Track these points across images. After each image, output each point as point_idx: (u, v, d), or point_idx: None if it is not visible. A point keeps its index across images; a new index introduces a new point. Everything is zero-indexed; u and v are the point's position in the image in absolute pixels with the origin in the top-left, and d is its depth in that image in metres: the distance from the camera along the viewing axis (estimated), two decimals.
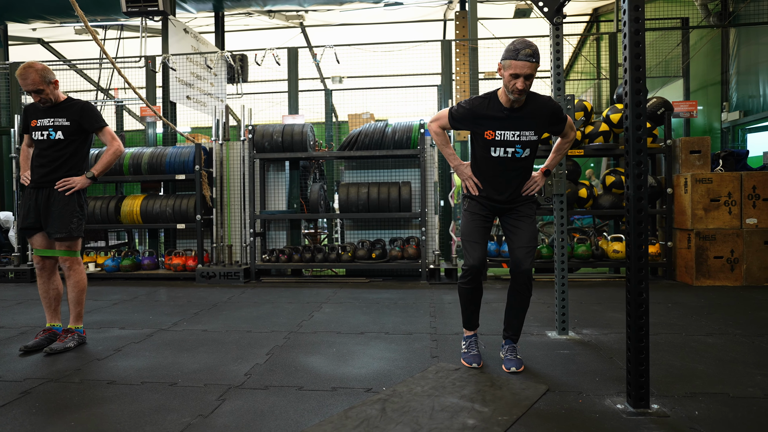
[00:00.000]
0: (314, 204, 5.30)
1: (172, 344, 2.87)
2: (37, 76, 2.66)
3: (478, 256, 2.35)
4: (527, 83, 2.15)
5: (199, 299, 4.22)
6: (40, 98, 2.73)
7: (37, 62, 2.72)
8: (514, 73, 2.13)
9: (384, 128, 5.16)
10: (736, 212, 4.48)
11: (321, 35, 10.97)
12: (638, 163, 1.87)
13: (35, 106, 2.83)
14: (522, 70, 2.12)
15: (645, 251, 1.87)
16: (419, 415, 1.86)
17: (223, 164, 5.49)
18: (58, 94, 2.80)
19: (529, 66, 2.11)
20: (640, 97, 1.86)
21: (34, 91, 2.69)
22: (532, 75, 2.14)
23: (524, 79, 2.13)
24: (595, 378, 2.24)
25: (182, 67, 5.92)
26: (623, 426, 1.76)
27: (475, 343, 2.53)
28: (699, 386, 2.12)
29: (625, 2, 1.87)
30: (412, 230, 5.51)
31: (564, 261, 2.94)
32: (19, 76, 2.65)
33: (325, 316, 3.58)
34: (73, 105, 2.82)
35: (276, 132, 5.13)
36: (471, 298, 2.47)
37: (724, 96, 6.57)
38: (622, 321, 3.27)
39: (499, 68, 2.23)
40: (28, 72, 2.65)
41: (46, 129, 2.77)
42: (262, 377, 2.30)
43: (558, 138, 2.52)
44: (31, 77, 2.66)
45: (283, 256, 5.20)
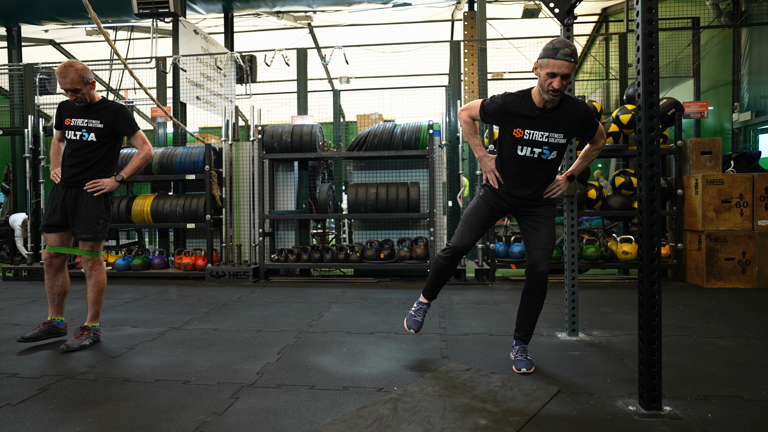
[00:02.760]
0: (323, 204, 5.32)
1: (184, 343, 2.90)
2: (77, 76, 2.70)
3: (467, 241, 2.42)
4: (564, 83, 2.14)
5: (209, 298, 4.26)
6: (76, 97, 2.77)
7: (77, 61, 2.77)
8: (552, 72, 2.12)
9: (393, 129, 5.17)
10: (748, 214, 4.44)
11: (329, 36, 11.00)
12: (651, 165, 1.86)
13: (70, 104, 2.87)
14: (560, 70, 2.11)
15: (658, 252, 1.87)
16: (431, 414, 1.87)
17: (232, 164, 5.53)
18: (94, 94, 2.85)
19: (567, 66, 2.10)
20: (653, 98, 1.85)
21: (72, 90, 2.73)
22: (569, 75, 2.12)
23: (561, 79, 2.12)
24: (606, 379, 2.24)
25: (192, 67, 5.97)
26: (636, 428, 1.76)
27: (424, 312, 2.64)
28: (711, 389, 2.11)
29: (638, 3, 1.87)
30: (420, 230, 5.52)
31: (574, 262, 2.94)
32: (58, 74, 2.70)
33: (334, 315, 3.60)
34: (107, 107, 2.86)
35: (285, 132, 5.16)
36: (443, 273, 2.54)
37: (736, 96, 6.52)
38: (632, 323, 3.26)
39: (535, 67, 2.22)
40: (68, 71, 2.70)
41: (79, 129, 2.82)
42: (274, 376, 2.33)
43: (587, 144, 2.51)
44: (71, 76, 2.70)
45: (292, 255, 5.23)
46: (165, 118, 5.71)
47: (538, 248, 2.37)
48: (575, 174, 2.54)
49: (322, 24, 10.54)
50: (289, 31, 10.64)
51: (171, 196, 5.48)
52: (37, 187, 5.67)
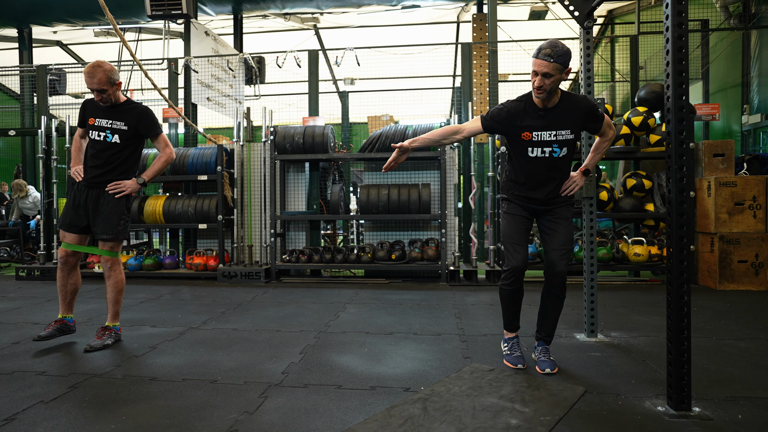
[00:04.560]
0: (335, 205, 5.34)
1: (205, 342, 2.92)
2: (104, 77, 2.72)
3: (521, 257, 2.37)
4: (545, 81, 2.17)
5: (223, 298, 4.27)
6: (102, 98, 2.77)
7: (105, 62, 2.78)
8: (534, 70, 2.19)
9: (404, 130, 5.19)
10: (761, 216, 4.46)
11: (334, 37, 11.04)
12: (680, 167, 1.88)
13: (95, 104, 2.88)
14: (539, 68, 2.16)
15: (687, 255, 1.88)
16: (462, 414, 1.89)
17: (243, 165, 5.55)
18: (119, 95, 2.86)
19: (546, 65, 2.13)
20: (682, 101, 1.87)
21: (98, 90, 2.74)
22: (550, 74, 2.15)
23: (542, 77, 2.17)
24: (631, 380, 2.25)
25: (203, 69, 5.99)
26: (667, 428, 1.77)
27: (518, 345, 2.54)
28: (738, 390, 2.12)
29: (667, 6, 1.89)
30: (430, 232, 5.54)
31: (593, 264, 2.95)
32: (86, 74, 2.71)
33: (350, 316, 3.61)
34: (132, 109, 2.87)
35: (297, 134, 5.18)
36: (513, 299, 2.48)
37: (745, 98, 6.53)
38: (649, 324, 3.27)
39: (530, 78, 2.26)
40: (96, 71, 2.71)
41: (103, 130, 2.83)
42: (299, 376, 2.34)
43: (596, 137, 2.52)
44: (98, 76, 2.71)
45: (303, 256, 5.25)
46: (176, 118, 5.74)
47: (556, 248, 2.39)
48: (589, 168, 2.54)
49: (328, 26, 10.58)
50: (295, 32, 10.67)
51: (182, 196, 5.50)
52: (49, 187, 5.69)
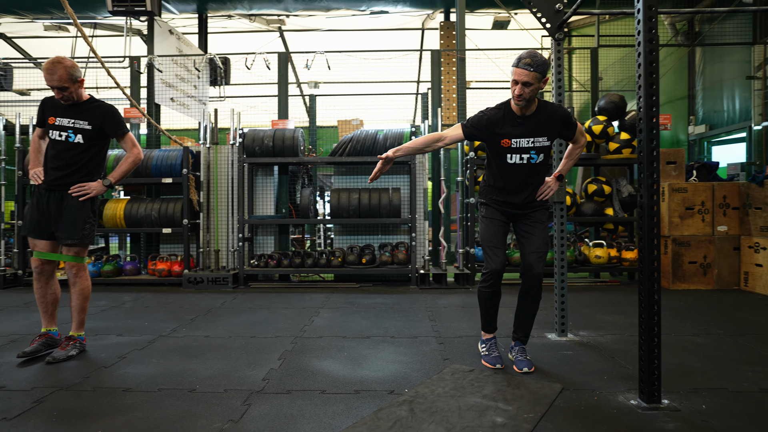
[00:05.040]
0: (305, 209, 5.29)
1: (177, 350, 2.82)
2: (65, 73, 2.56)
3: (500, 260, 2.44)
4: (525, 90, 2.25)
5: (190, 305, 4.14)
6: (63, 96, 2.62)
7: (65, 57, 2.61)
8: (514, 79, 2.27)
9: (375, 135, 5.22)
10: (709, 220, 4.77)
11: (300, 40, 10.97)
12: (651, 174, 2.00)
13: (54, 102, 2.71)
14: (519, 77, 2.24)
15: (657, 255, 2.00)
16: (448, 414, 1.92)
17: (210, 168, 5.41)
18: (82, 93, 2.71)
19: (525, 74, 2.22)
20: (653, 111, 1.99)
21: (59, 87, 2.58)
22: (529, 83, 2.24)
23: (522, 86, 2.25)
24: (603, 377, 2.35)
25: (166, 68, 5.81)
26: (641, 420, 1.87)
27: (495, 345, 2.61)
28: (700, 382, 2.27)
29: (639, 23, 2.01)
30: (400, 236, 5.58)
31: (564, 266, 3.07)
32: (45, 70, 2.55)
33: (325, 320, 3.59)
34: (96, 107, 2.73)
35: (267, 137, 5.11)
36: (492, 301, 2.55)
37: (691, 110, 6.98)
38: (613, 323, 3.43)
39: (510, 86, 2.34)
40: (56, 67, 2.55)
41: (65, 130, 2.67)
42: (281, 382, 2.31)
43: (570, 144, 2.63)
44: (59, 73, 2.55)
45: (272, 261, 5.16)
46: (139, 119, 5.53)
47: (532, 252, 2.47)
48: (563, 174, 2.63)
49: (294, 28, 10.50)
50: (260, 34, 10.53)
51: (145, 200, 5.30)
52: None
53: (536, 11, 3.01)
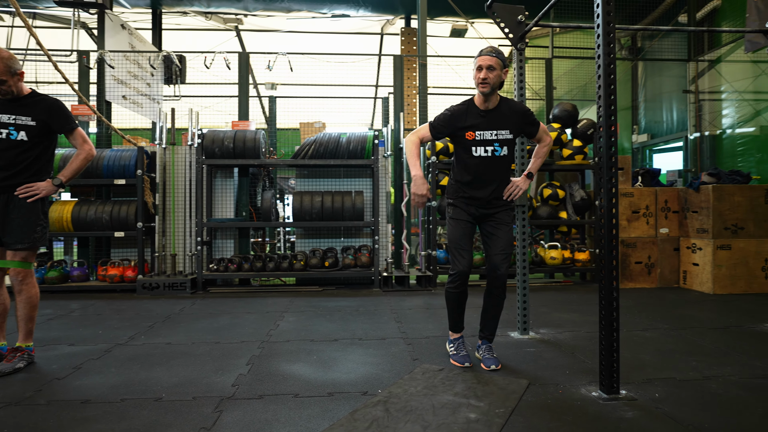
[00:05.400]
0: (266, 212, 5.20)
1: (137, 359, 2.71)
2: (2, 66, 2.38)
3: (466, 262, 2.52)
4: (489, 74, 2.41)
5: (147, 311, 3.98)
6: (0, 90, 2.45)
7: (2, 49, 2.44)
8: (479, 65, 2.43)
9: (338, 138, 5.22)
10: (652, 223, 5.10)
11: (257, 41, 10.79)
12: (610, 179, 2.13)
13: None
14: (484, 62, 2.41)
15: (617, 255, 2.13)
16: (423, 413, 1.96)
17: (166, 169, 5.22)
18: (22, 86, 2.53)
19: (489, 59, 2.41)
20: (611, 120, 2.12)
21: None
22: (493, 67, 2.41)
23: (486, 70, 2.41)
24: (565, 371, 2.47)
25: (118, 64, 5.56)
26: (603, 410, 1.98)
27: (463, 345, 2.68)
28: (651, 373, 2.43)
29: (598, 37, 2.14)
30: (363, 239, 5.60)
31: (526, 267, 3.20)
32: None
33: (290, 324, 3.55)
34: (39, 101, 2.56)
35: (227, 138, 4.99)
36: (458, 301, 2.62)
37: (634, 120, 7.44)
38: (570, 321, 3.61)
39: (474, 77, 2.48)
40: None
41: (5, 127, 2.49)
42: (251, 387, 2.27)
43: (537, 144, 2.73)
44: None
45: (232, 265, 5.04)
46: (88, 116, 5.25)
47: (497, 253, 2.57)
48: (533, 172, 2.70)
49: (251, 28, 10.32)
50: (215, 33, 10.28)
51: (96, 202, 5.04)
52: None
53: (500, 21, 3.13)
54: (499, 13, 3.13)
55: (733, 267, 4.66)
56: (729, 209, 4.70)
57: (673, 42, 6.52)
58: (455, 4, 7.10)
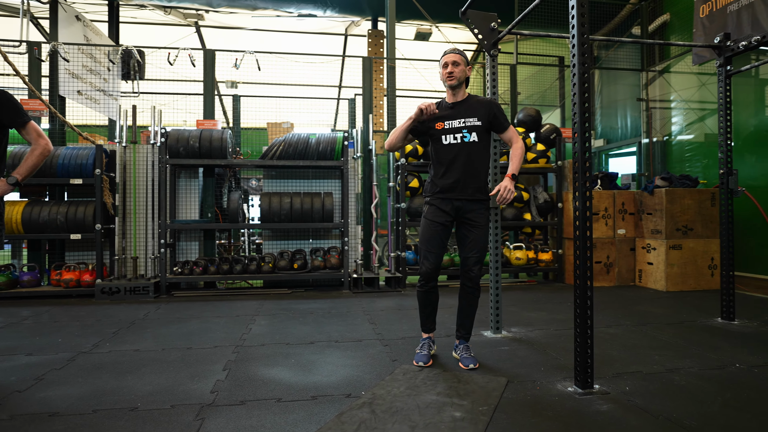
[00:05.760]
0: (234, 213, 5.08)
1: (105, 367, 2.58)
2: None
3: (430, 264, 2.63)
4: (455, 68, 2.61)
5: (108, 317, 3.80)
6: None
7: None
8: (444, 62, 2.64)
9: (308, 139, 5.17)
10: (611, 224, 5.36)
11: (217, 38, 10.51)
12: (584, 182, 2.22)
13: None
14: (449, 59, 2.62)
15: (591, 256, 2.22)
16: (409, 413, 1.98)
17: (127, 169, 5.00)
18: None
19: (454, 56, 2.62)
20: (585, 127, 2.22)
21: None
22: (458, 62, 2.61)
23: (452, 65, 2.61)
24: (540, 368, 2.56)
25: (72, 57, 5.27)
26: (580, 404, 2.07)
27: (427, 345, 2.73)
28: (619, 368, 2.55)
29: (573, 47, 2.24)
30: (332, 240, 5.57)
31: (499, 267, 3.28)
32: None
33: (263, 328, 3.48)
34: None
35: (193, 137, 4.84)
36: (428, 300, 2.70)
37: (591, 125, 7.77)
38: (539, 319, 3.73)
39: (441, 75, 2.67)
40: None
41: None
42: (231, 393, 2.21)
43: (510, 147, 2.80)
44: None
45: (197, 268, 4.90)
46: (40, 111, 4.96)
47: (470, 255, 2.64)
48: (515, 173, 2.69)
49: (212, 24, 10.06)
50: (174, 28, 9.94)
51: (49, 202, 4.76)
52: None
53: (474, 28, 3.20)
54: (473, 20, 3.21)
55: (684, 265, 4.97)
56: (680, 211, 5.00)
57: (628, 52, 6.87)
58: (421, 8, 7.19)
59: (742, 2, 4.88)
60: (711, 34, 5.25)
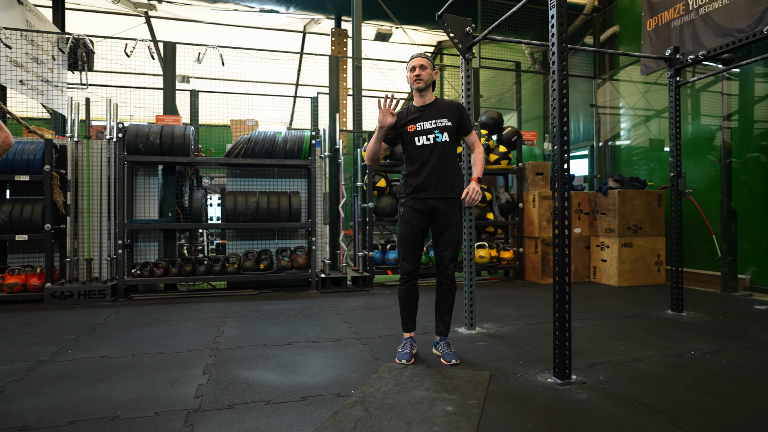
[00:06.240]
0: (197, 212, 4.91)
1: (72, 376, 2.44)
2: None
3: (411, 265, 2.73)
4: (422, 72, 2.69)
5: (64, 323, 3.57)
6: None
7: None
8: (411, 66, 2.72)
9: (274, 137, 5.08)
10: None
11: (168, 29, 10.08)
12: (563, 183, 2.34)
13: None
14: (416, 62, 2.71)
15: (569, 254, 2.34)
16: (402, 409, 2.00)
17: (79, 165, 4.71)
18: None
19: (420, 59, 2.71)
20: (564, 131, 2.33)
21: None
22: (425, 66, 2.70)
23: (419, 69, 2.69)
24: (518, 362, 2.66)
25: (14, 44, 4.90)
26: (561, 394, 2.18)
27: (409, 344, 2.77)
28: (590, 359, 2.70)
29: (553, 54, 2.34)
30: (298, 240, 5.50)
31: (472, 266, 3.38)
32: None
33: (236, 330, 3.40)
34: None
35: (153, 133, 4.63)
36: (408, 299, 2.77)
37: (546, 128, 8.12)
38: (508, 315, 3.87)
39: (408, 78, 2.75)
40: None
41: None
42: (217, 397, 2.15)
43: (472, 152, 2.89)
44: None
45: (158, 269, 4.69)
46: None
47: (446, 254, 2.73)
48: (480, 176, 2.81)
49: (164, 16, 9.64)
50: (122, 17, 9.44)
51: None
52: None
53: (450, 32, 3.28)
54: (449, 24, 3.28)
55: (634, 262, 5.30)
56: (631, 211, 5.33)
57: (581, 60, 7.23)
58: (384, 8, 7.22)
59: (685, 19, 5.27)
60: (657, 47, 5.63)
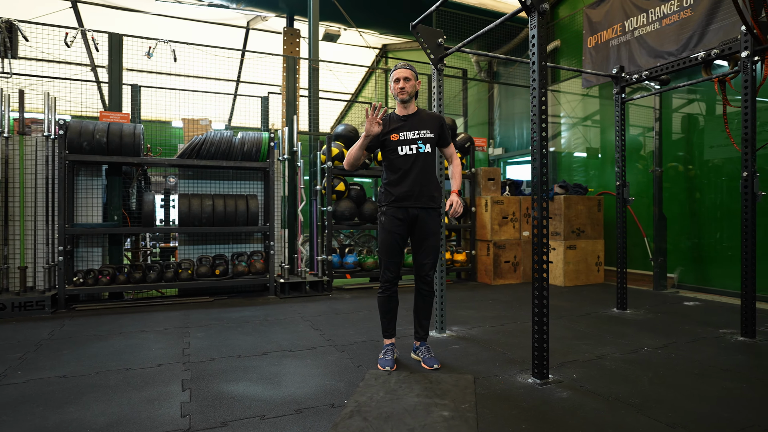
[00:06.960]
0: (148, 216, 4.62)
1: (32, 400, 2.22)
2: None
3: (392, 273, 2.77)
4: (405, 83, 2.74)
5: (3, 340, 3.24)
6: None
7: None
8: (395, 78, 2.76)
9: (231, 138, 4.91)
10: (518, 227, 5.92)
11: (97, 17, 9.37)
12: (542, 192, 2.48)
13: None
14: (400, 74, 2.75)
15: (547, 260, 2.49)
16: (401, 417, 2.03)
17: (10, 164, 4.27)
18: None
19: (404, 71, 2.75)
20: (543, 136, 2.48)
21: None
22: (408, 78, 2.75)
23: (403, 80, 2.74)
24: (495, 364, 2.78)
25: None
26: (544, 393, 2.31)
27: (391, 350, 2.81)
28: (560, 358, 2.88)
29: (533, 63, 2.48)
30: (254, 244, 5.35)
31: (443, 270, 3.47)
32: None
33: (203, 341, 3.26)
34: None
35: (99, 131, 4.30)
36: (388, 306, 2.79)
37: (491, 134, 8.48)
38: (473, 317, 4.01)
39: (392, 89, 2.79)
40: None
41: None
42: (206, 415, 2.06)
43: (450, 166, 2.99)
44: None
45: (104, 277, 4.37)
46: None
47: (425, 262, 2.80)
48: (459, 188, 2.93)
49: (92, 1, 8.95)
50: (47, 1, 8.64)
51: None
52: None
53: (423, 42, 3.35)
54: (422, 34, 3.35)
55: (577, 263, 5.69)
56: (574, 216, 5.72)
57: (524, 70, 7.63)
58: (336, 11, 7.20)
59: (622, 39, 5.74)
60: (597, 63, 6.08)
